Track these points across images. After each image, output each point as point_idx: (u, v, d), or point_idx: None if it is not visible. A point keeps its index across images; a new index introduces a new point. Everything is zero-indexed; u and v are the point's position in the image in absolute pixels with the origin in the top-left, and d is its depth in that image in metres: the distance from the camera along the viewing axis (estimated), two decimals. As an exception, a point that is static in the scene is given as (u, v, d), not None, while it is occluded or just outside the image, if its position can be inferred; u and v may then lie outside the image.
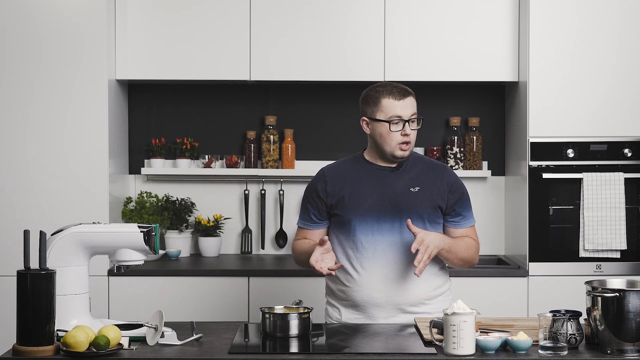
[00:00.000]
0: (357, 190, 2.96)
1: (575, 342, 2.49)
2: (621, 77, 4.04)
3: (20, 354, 2.40)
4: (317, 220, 3.04)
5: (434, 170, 3.01)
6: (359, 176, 2.99)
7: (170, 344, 2.54)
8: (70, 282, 2.62)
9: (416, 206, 2.92)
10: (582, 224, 4.01)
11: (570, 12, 4.05)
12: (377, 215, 2.93)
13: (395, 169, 2.98)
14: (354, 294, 2.97)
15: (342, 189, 2.98)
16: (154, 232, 2.68)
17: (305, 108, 4.62)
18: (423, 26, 4.25)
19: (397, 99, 2.90)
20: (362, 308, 2.96)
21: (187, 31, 4.25)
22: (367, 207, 2.93)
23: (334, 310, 3.05)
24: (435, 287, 2.99)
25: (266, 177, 4.55)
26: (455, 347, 2.39)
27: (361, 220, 2.93)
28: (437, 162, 3.10)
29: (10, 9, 4.01)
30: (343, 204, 2.96)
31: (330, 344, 2.68)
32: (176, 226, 4.44)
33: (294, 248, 3.09)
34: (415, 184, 2.95)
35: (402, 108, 2.90)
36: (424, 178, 2.97)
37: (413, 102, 2.93)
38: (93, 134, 4.05)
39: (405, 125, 2.90)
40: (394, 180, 2.96)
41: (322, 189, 3.02)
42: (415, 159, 3.02)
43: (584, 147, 4.06)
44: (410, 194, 2.94)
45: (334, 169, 3.08)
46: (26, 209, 4.03)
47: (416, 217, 2.91)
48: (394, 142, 2.91)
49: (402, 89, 2.93)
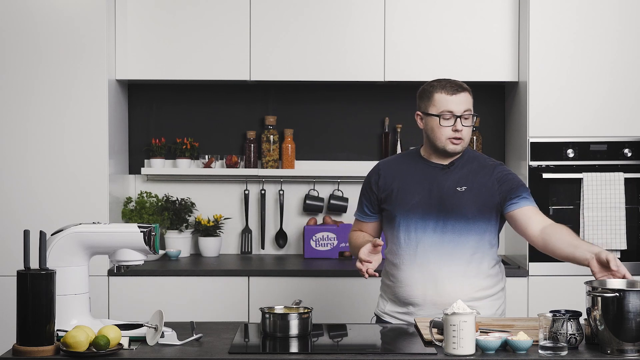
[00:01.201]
0: (405, 186, 2.95)
1: (575, 342, 2.49)
2: (621, 77, 4.05)
3: (20, 354, 2.40)
4: (370, 213, 3.04)
5: (485, 168, 2.95)
6: (410, 172, 2.97)
7: (170, 344, 2.54)
8: (70, 282, 2.62)
9: (461, 206, 2.88)
10: (582, 224, 4.01)
11: (570, 12, 4.05)
12: (422, 213, 2.90)
13: (446, 167, 2.95)
14: (396, 290, 2.96)
15: (392, 184, 2.97)
16: (154, 232, 2.68)
17: (305, 108, 4.62)
18: (423, 26, 4.25)
19: (450, 94, 2.87)
20: (404, 304, 2.94)
21: (187, 31, 4.25)
22: (413, 204, 2.91)
23: (383, 302, 3.05)
24: (478, 289, 2.92)
25: (266, 177, 4.55)
26: (455, 347, 2.39)
27: (406, 217, 2.91)
28: (492, 160, 3.02)
29: (10, 9, 4.01)
30: (391, 199, 2.95)
31: (330, 343, 2.68)
32: (176, 226, 4.44)
33: (350, 238, 3.11)
34: (463, 184, 2.92)
35: (455, 103, 2.87)
36: (474, 177, 2.93)
37: (467, 98, 2.90)
38: (93, 134, 4.05)
39: (457, 121, 2.87)
40: (443, 178, 2.93)
41: (375, 182, 3.01)
42: (470, 157, 2.98)
43: (584, 147, 4.06)
44: (457, 194, 2.90)
45: (388, 162, 3.07)
46: (26, 209, 4.03)
47: (460, 216, 2.88)
48: (444, 136, 2.88)
49: (456, 84, 2.90)
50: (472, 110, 2.91)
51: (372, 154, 4.58)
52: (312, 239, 4.41)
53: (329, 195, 4.56)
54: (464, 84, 2.93)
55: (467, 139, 2.92)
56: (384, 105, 4.59)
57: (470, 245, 2.90)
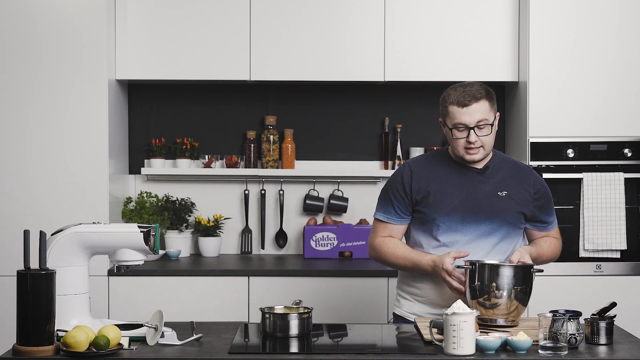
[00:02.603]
0: (443, 189, 2.92)
1: (575, 342, 2.49)
2: (621, 77, 4.05)
3: (20, 354, 2.40)
4: (403, 216, 2.97)
5: (520, 173, 2.96)
6: (445, 174, 2.94)
7: (170, 344, 2.54)
8: (70, 282, 2.62)
9: (503, 211, 2.88)
10: (582, 224, 4.02)
11: (570, 12, 4.05)
12: (462, 216, 2.88)
13: (481, 171, 2.93)
14: (429, 292, 2.94)
15: (428, 185, 2.93)
16: (154, 232, 2.68)
17: (305, 108, 4.62)
18: (423, 26, 4.25)
19: (461, 106, 2.82)
20: (438, 306, 2.92)
21: (187, 31, 4.25)
22: (453, 207, 2.89)
23: (406, 302, 3.01)
24: None
25: (266, 177, 4.55)
26: (455, 347, 2.39)
27: (445, 220, 2.89)
28: (523, 164, 3.03)
29: (10, 9, 4.01)
30: (428, 201, 2.91)
31: (330, 343, 2.68)
32: (176, 226, 4.44)
33: (382, 248, 2.98)
34: (503, 188, 2.91)
35: (467, 115, 2.82)
36: (512, 182, 2.93)
37: (482, 107, 2.83)
38: (93, 134, 4.05)
39: (470, 133, 2.83)
40: (481, 182, 2.92)
41: (408, 183, 2.95)
42: (501, 161, 2.98)
43: (584, 147, 4.06)
44: (498, 198, 2.90)
45: (419, 162, 3.01)
46: (26, 209, 4.02)
47: (502, 221, 2.88)
48: (460, 147, 2.87)
49: (470, 94, 2.83)
50: (489, 117, 2.85)
51: (372, 154, 4.58)
52: (312, 239, 4.41)
53: (329, 195, 4.56)
54: (480, 91, 2.85)
55: (488, 146, 2.88)
56: (384, 105, 4.59)
57: (509, 247, 2.92)
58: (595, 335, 2.55)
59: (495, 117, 2.89)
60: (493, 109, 2.87)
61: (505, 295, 2.66)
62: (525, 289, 2.69)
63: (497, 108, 2.90)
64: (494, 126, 2.88)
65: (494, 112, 2.88)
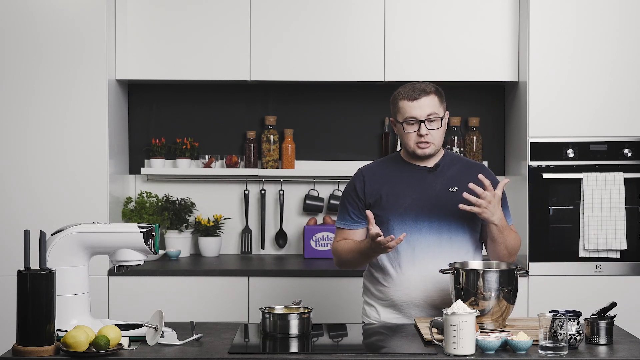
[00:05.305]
0: (395, 190, 2.97)
1: (575, 342, 2.49)
2: (621, 77, 4.05)
3: (20, 354, 2.40)
4: (358, 220, 3.03)
5: (471, 169, 3.00)
6: (397, 175, 3.00)
7: (170, 344, 2.54)
8: (70, 282, 2.62)
9: (455, 206, 2.89)
10: (582, 224, 4.01)
11: (570, 12, 4.05)
12: (416, 215, 2.92)
13: (432, 169, 2.98)
14: (392, 294, 2.96)
15: (381, 189, 2.98)
16: (154, 232, 2.68)
17: (305, 108, 4.62)
18: (423, 26, 4.25)
19: (411, 100, 2.91)
20: (401, 308, 2.95)
21: (187, 31, 4.25)
22: (406, 207, 2.93)
23: (371, 309, 3.04)
24: None
25: (266, 177, 4.55)
26: (455, 347, 2.40)
27: (399, 220, 2.93)
28: (475, 162, 3.10)
29: (10, 9, 4.01)
30: (381, 204, 2.96)
31: (330, 343, 2.68)
32: (176, 226, 4.44)
33: (337, 249, 3.05)
34: (454, 184, 2.95)
35: (416, 108, 2.90)
36: (463, 178, 2.95)
37: (431, 101, 2.91)
38: (93, 134, 4.05)
39: (420, 126, 2.90)
40: (432, 180, 2.96)
41: (361, 189, 3.01)
42: (452, 159, 3.03)
43: (584, 147, 4.06)
44: (449, 194, 2.93)
45: (371, 168, 3.08)
46: (26, 209, 4.03)
47: (456, 217, 2.91)
48: (412, 142, 2.93)
49: (419, 89, 2.92)
50: (439, 112, 2.93)
51: (372, 154, 4.58)
52: (312, 239, 4.41)
53: (329, 195, 4.56)
54: (429, 87, 2.94)
55: (438, 141, 2.95)
56: (384, 105, 4.55)
57: (465, 243, 2.95)
58: (595, 335, 2.55)
59: (445, 114, 2.96)
60: (443, 106, 2.96)
61: (493, 297, 2.66)
62: (510, 289, 2.69)
63: (446, 107, 2.98)
64: (444, 123, 2.95)
65: (443, 108, 2.96)
